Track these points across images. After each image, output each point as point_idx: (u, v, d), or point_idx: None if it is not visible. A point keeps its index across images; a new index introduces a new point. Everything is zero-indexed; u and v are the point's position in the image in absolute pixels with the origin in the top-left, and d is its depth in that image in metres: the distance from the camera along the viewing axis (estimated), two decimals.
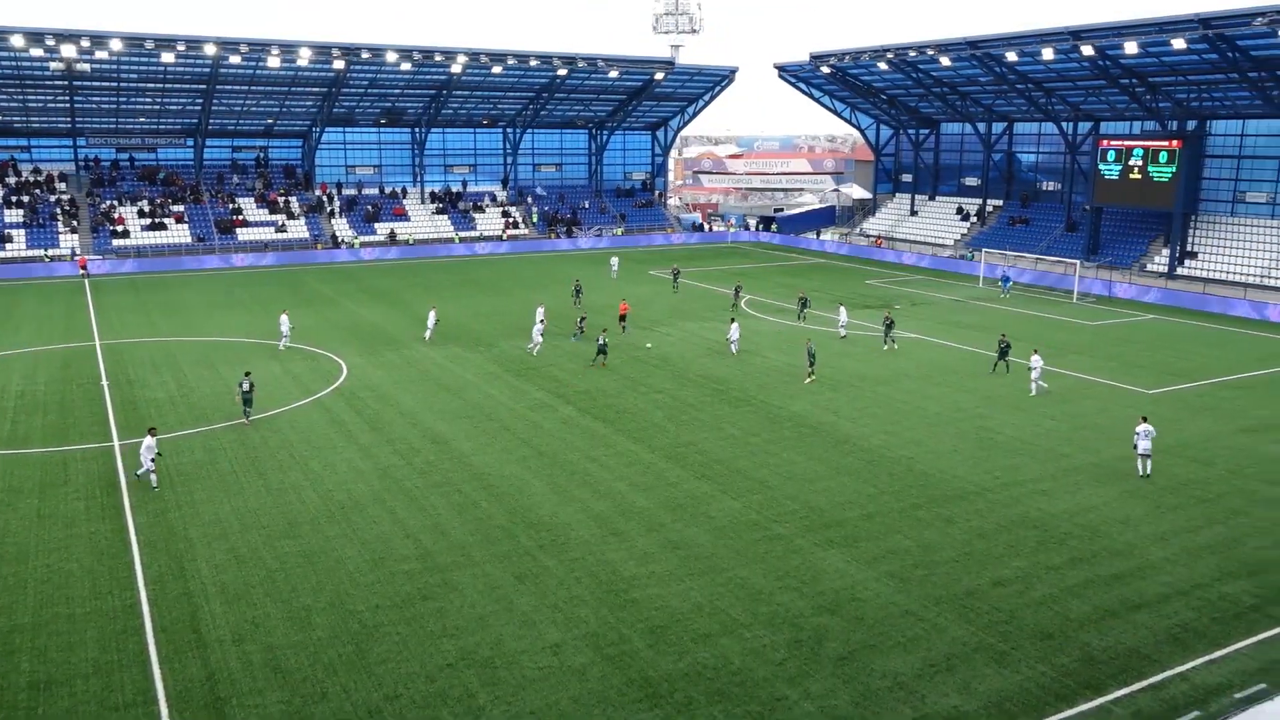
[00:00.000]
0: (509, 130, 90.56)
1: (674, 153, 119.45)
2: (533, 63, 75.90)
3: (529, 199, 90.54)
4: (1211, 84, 60.40)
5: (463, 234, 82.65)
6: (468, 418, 32.00)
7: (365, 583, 20.33)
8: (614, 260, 67.80)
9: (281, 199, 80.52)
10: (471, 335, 45.68)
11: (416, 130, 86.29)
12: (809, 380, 36.93)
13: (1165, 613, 19.29)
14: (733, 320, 43.62)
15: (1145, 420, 27.34)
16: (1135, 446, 26.99)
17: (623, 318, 47.85)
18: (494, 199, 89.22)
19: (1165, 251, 64.19)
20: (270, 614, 18.98)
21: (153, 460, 25.47)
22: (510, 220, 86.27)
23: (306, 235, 77.53)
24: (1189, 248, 63.70)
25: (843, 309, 46.82)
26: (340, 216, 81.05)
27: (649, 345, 43.32)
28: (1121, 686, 16.74)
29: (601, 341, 39.98)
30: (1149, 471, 26.78)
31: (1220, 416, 32.90)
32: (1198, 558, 21.85)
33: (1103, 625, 18.79)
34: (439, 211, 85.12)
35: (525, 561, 21.36)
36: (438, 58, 72.35)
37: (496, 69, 75.33)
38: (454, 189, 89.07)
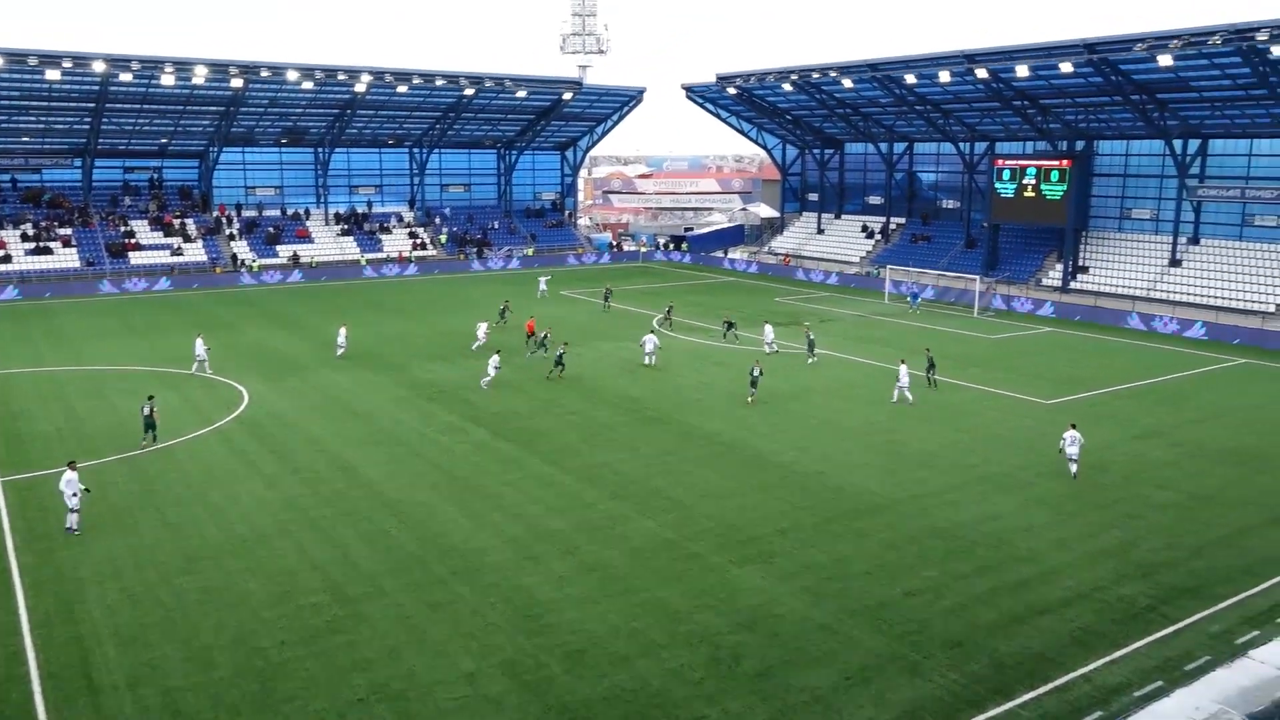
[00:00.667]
0: (415, 150, 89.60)
1: (583, 173, 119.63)
2: (439, 82, 75.36)
3: (437, 220, 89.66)
4: (1098, 106, 63.48)
5: (369, 256, 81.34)
6: (376, 444, 31.39)
7: (270, 618, 19.68)
8: (543, 279, 67.71)
9: (177, 221, 78.00)
10: (380, 359, 44.94)
11: (320, 150, 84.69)
12: (751, 400, 37.06)
13: (1068, 616, 19.97)
14: (651, 331, 43.99)
15: (1074, 427, 28.92)
16: (1062, 451, 28.56)
17: (530, 336, 47.80)
18: (401, 220, 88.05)
19: (1059, 266, 66.93)
20: (168, 655, 18.21)
21: (77, 497, 23.91)
22: (418, 241, 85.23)
23: (204, 258, 75.22)
24: (1081, 262, 66.55)
25: (768, 326, 47.86)
26: (240, 239, 78.89)
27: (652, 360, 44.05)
28: (1029, 690, 17.25)
29: (560, 353, 41.33)
30: (1076, 474, 28.31)
31: (1114, 424, 34.34)
32: (1097, 561, 22.71)
33: (1010, 631, 19.35)
34: (344, 233, 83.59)
35: (438, 590, 20.98)
36: (341, 76, 71.24)
37: (402, 88, 74.55)
38: (359, 210, 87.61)
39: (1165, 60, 52.67)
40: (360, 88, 72.88)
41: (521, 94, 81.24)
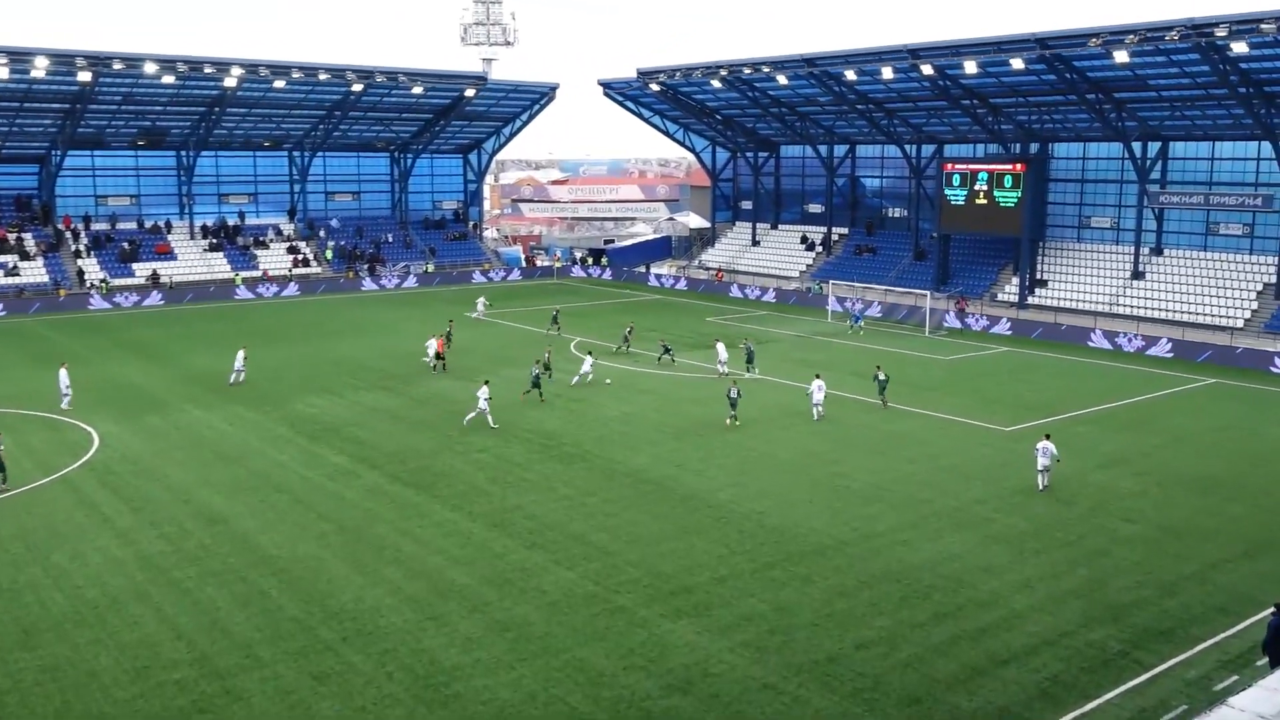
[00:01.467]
0: (296, 153, 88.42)
1: (490, 179, 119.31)
2: (322, 76, 74.58)
3: (322, 232, 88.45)
4: (1052, 106, 65.84)
5: (243, 274, 79.74)
6: (252, 491, 30.66)
7: (125, 698, 18.94)
8: (481, 301, 67.08)
9: (13, 236, 75.40)
10: (256, 393, 44.04)
11: (184, 153, 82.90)
12: (730, 422, 38.50)
13: (1034, 666, 20.37)
14: (589, 352, 45.29)
15: (1048, 438, 31.16)
16: (1036, 463, 31.02)
17: (439, 356, 47.49)
18: (280, 233, 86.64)
19: (1016, 280, 68.97)
20: None
21: None
22: (300, 257, 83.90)
23: (46, 279, 72.81)
24: (1039, 275, 68.70)
25: (720, 345, 49.09)
26: (89, 256, 76.58)
27: (608, 381, 44.91)
28: None
29: (536, 373, 42.46)
30: (1047, 485, 30.89)
31: (1077, 453, 35.34)
32: (1063, 604, 23.25)
33: (971, 684, 19.65)
34: (213, 248, 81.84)
35: (325, 658, 20.47)
36: (208, 70, 70.00)
37: (279, 83, 73.55)
38: (231, 222, 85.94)
39: (1121, 57, 54.92)
40: (230, 82, 71.70)
41: (418, 90, 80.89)
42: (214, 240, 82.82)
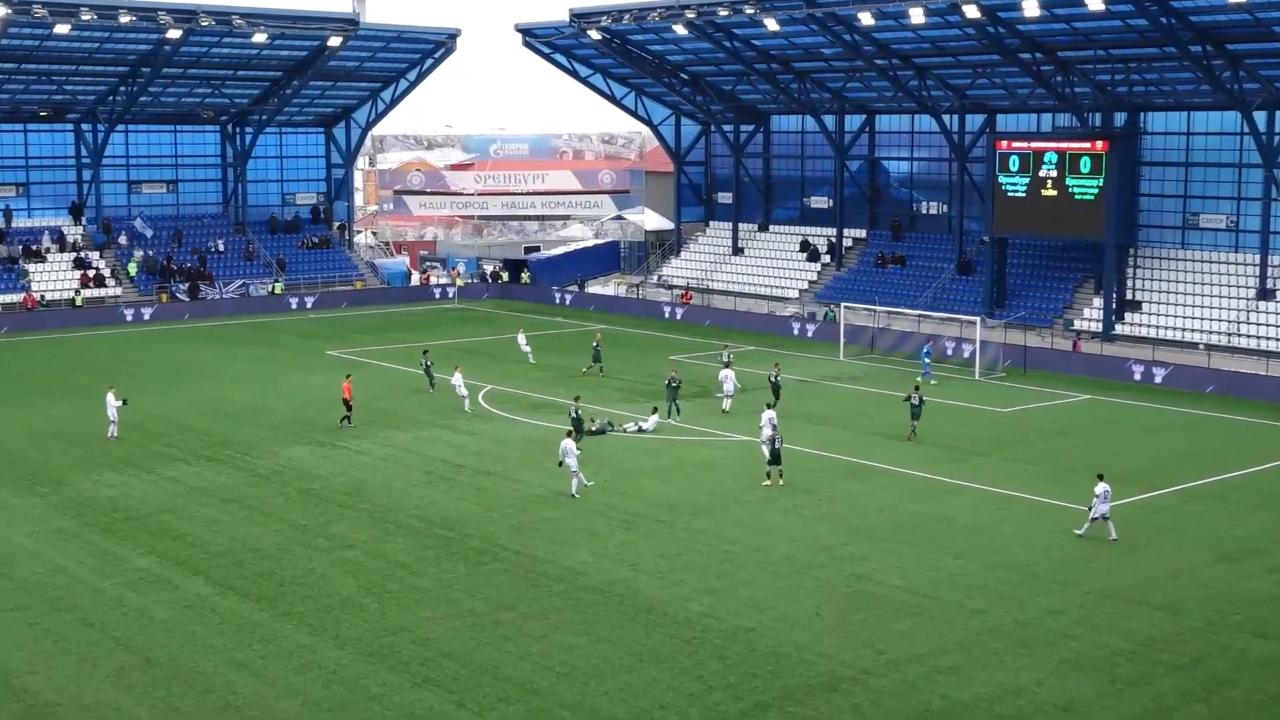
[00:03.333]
0: (86, 127, 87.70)
1: (363, 162, 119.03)
2: (124, 18, 74.17)
3: (123, 238, 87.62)
4: (1143, 61, 66.63)
5: (6, 298, 78.76)
6: (18, 610, 30.09)
7: None
8: (521, 336, 66.69)
9: None
10: (25, 467, 43.43)
11: None
12: (767, 484, 39.86)
13: None
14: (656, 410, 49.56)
15: (1101, 479, 33.67)
16: (1090, 508, 33.68)
17: (345, 402, 48.64)
18: (61, 239, 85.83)
19: (1098, 301, 69.75)
20: None
21: None
22: (90, 274, 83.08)
23: None
24: (1129, 295, 69.47)
25: (728, 373, 52.69)
26: None
27: (589, 483, 41.20)
28: None
29: (576, 414, 45.55)
30: (1115, 536, 33.66)
31: (1188, 540, 35.59)
32: None
33: None
34: None
35: None
36: None
37: (62, 28, 73.10)
38: None
39: None
40: None
41: (260, 37, 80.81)
42: None
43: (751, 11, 71.83)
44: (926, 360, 61.09)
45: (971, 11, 63.75)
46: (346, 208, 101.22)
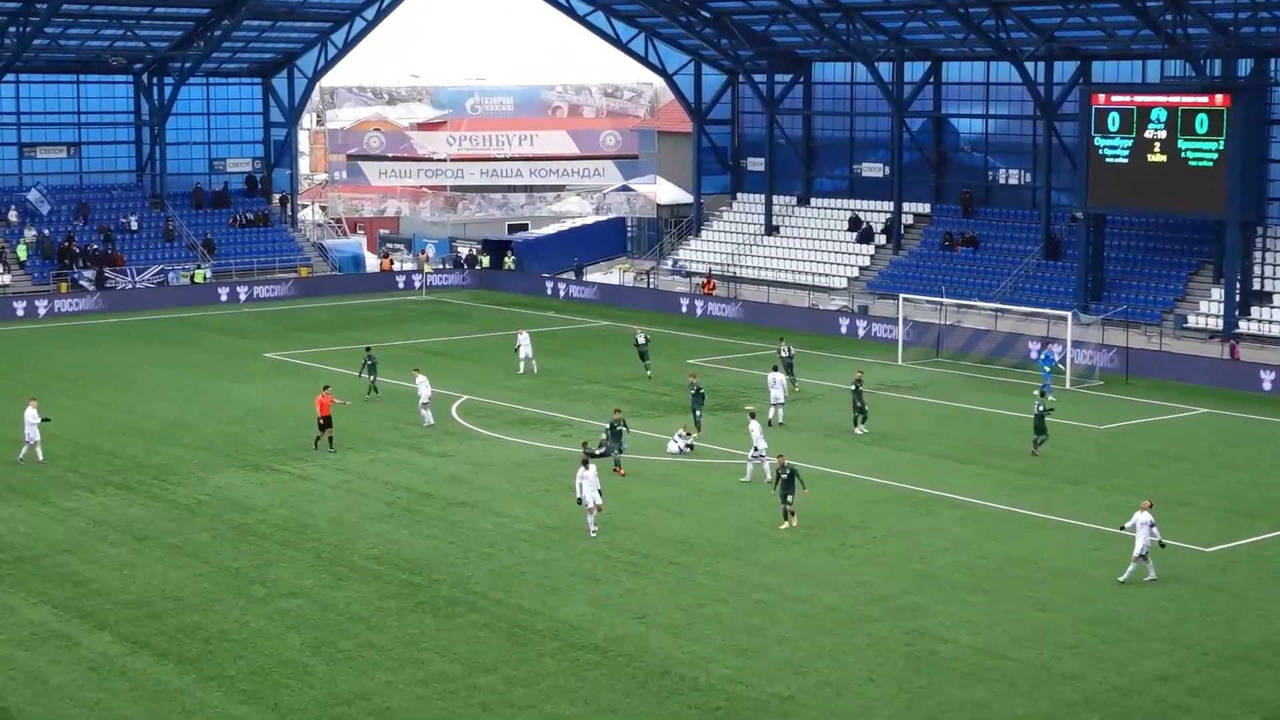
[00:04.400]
0: None
1: (309, 121, 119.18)
2: None
3: (12, 214, 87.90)
4: None
5: None
6: None
7: None
8: (523, 336, 66.30)
9: None
10: None
11: None
12: (785, 526, 39.61)
13: None
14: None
15: (1149, 508, 35.05)
16: (1133, 539, 34.97)
17: (323, 419, 48.81)
18: None
19: (1218, 292, 69.52)
20: None
21: None
22: None
23: None
24: (1256, 284, 69.20)
25: (778, 376, 53.54)
26: None
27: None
28: None
29: (612, 434, 46.28)
30: (1153, 576, 34.80)
31: None
32: None
33: None
34: None
35: None
36: None
37: None
38: None
39: None
40: None
41: None
42: None
43: None
44: (1046, 369, 59.44)
45: None
46: (289, 176, 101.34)
